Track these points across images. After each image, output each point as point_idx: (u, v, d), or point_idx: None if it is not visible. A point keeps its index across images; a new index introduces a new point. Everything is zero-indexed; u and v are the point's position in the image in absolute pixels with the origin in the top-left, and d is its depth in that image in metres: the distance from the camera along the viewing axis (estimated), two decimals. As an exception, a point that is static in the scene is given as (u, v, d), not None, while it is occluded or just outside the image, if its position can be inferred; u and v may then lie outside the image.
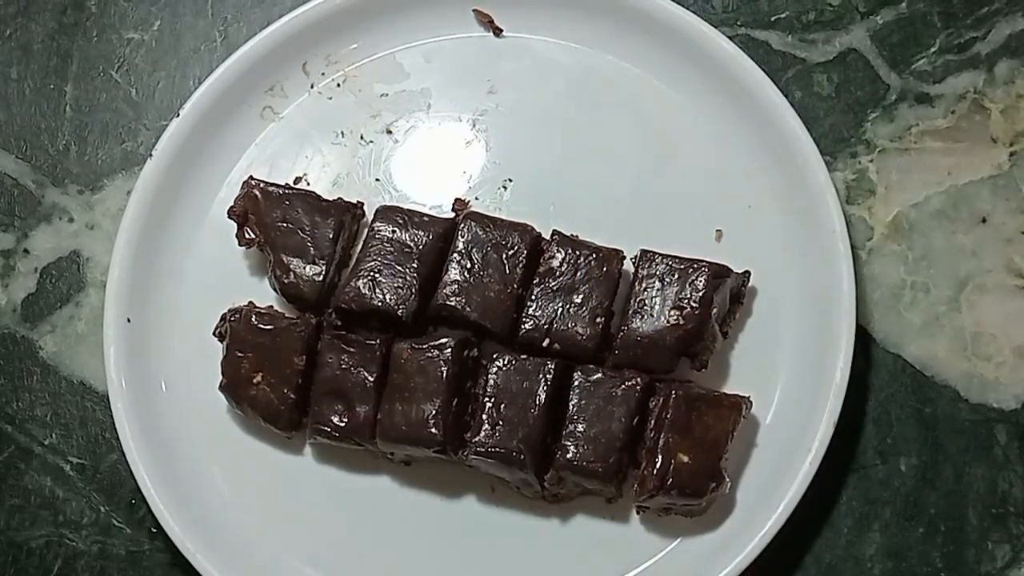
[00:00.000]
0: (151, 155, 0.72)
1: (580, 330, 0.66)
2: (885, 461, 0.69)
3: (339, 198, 0.70)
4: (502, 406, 0.65)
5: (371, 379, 0.66)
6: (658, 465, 0.64)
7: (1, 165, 0.77)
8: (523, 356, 0.66)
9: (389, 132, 0.74)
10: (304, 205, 0.70)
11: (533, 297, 0.67)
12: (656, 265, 0.67)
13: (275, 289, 0.70)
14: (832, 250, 0.68)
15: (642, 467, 0.65)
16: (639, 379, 0.65)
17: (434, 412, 0.65)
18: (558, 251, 0.67)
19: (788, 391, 0.68)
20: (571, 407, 0.65)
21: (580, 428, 0.65)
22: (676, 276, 0.66)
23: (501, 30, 0.74)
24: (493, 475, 0.67)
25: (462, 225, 0.68)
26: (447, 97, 0.75)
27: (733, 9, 0.76)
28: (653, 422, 0.65)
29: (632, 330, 0.66)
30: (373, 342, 0.67)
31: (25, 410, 0.74)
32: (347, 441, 0.67)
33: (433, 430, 0.65)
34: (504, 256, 0.67)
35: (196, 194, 0.73)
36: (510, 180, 0.73)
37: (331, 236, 0.69)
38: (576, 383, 0.65)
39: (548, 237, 0.68)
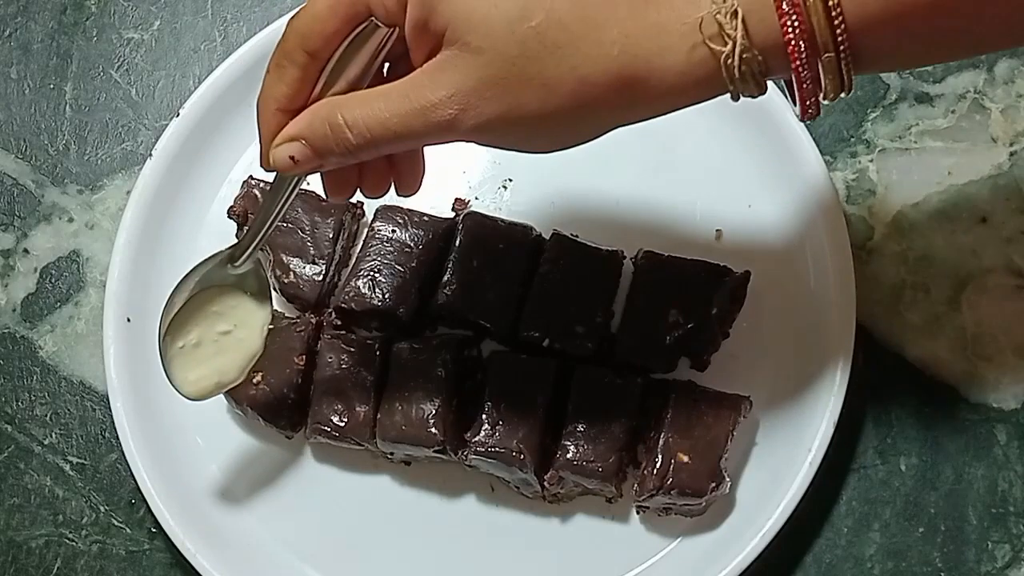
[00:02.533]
0: (151, 155, 0.72)
1: (580, 330, 0.66)
2: (885, 461, 0.69)
3: (339, 198, 0.70)
4: (502, 406, 0.65)
5: (371, 379, 0.66)
6: (658, 465, 0.64)
7: (1, 165, 0.77)
8: (523, 356, 0.66)
9: (389, 132, 0.74)
10: (304, 205, 0.70)
11: (533, 297, 0.67)
12: (656, 265, 0.67)
13: (275, 289, 0.70)
14: (832, 249, 0.68)
15: (642, 467, 0.65)
16: (639, 379, 0.65)
17: (434, 412, 0.65)
18: (558, 251, 0.67)
19: (788, 391, 0.68)
20: (571, 407, 0.65)
21: (580, 428, 0.65)
22: (676, 276, 0.66)
23: (501, 30, 0.74)
24: (493, 475, 0.67)
25: (462, 225, 0.68)
26: (447, 97, 0.74)
27: (733, 9, 0.76)
28: (653, 422, 0.65)
29: (632, 330, 0.66)
30: (373, 342, 0.67)
31: (25, 410, 0.74)
32: (347, 441, 0.67)
33: (433, 430, 0.65)
34: (504, 256, 0.67)
35: (196, 194, 0.73)
36: (510, 180, 0.73)
37: (331, 236, 0.69)
38: (576, 383, 0.65)
39: (548, 237, 0.68)
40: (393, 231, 0.68)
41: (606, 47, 0.47)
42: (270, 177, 0.71)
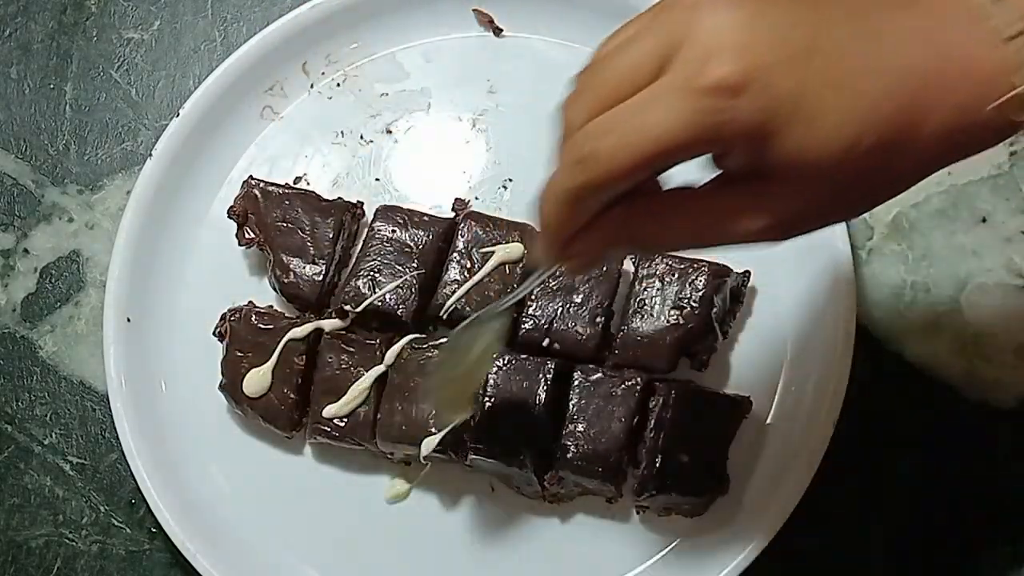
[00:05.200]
0: (151, 155, 0.72)
1: (580, 330, 0.66)
2: (885, 461, 0.69)
3: (339, 198, 0.70)
4: (502, 406, 0.65)
5: (371, 379, 0.66)
6: (658, 465, 0.64)
7: (1, 165, 0.77)
8: (523, 356, 0.66)
9: (389, 132, 0.74)
10: (304, 205, 0.70)
11: (533, 297, 0.67)
12: (656, 265, 0.67)
13: (275, 289, 0.70)
14: (832, 250, 0.68)
15: (642, 467, 0.65)
16: (639, 379, 0.65)
17: (434, 412, 0.65)
18: (558, 251, 0.67)
19: (788, 391, 0.68)
20: (571, 407, 0.65)
21: (580, 428, 0.65)
22: (676, 276, 0.66)
23: (501, 30, 0.74)
24: (493, 475, 0.67)
25: (462, 225, 0.68)
26: (447, 97, 0.75)
27: (733, 9, 0.76)
28: (653, 422, 0.65)
29: (632, 330, 0.66)
30: (373, 342, 0.67)
31: (25, 410, 0.74)
32: (347, 441, 0.67)
33: (433, 430, 0.65)
34: (504, 256, 0.67)
35: (196, 194, 0.73)
36: (510, 180, 0.73)
37: (331, 236, 0.69)
38: (576, 383, 0.65)
39: (548, 237, 0.68)
40: (393, 231, 0.68)
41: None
42: (269, 177, 0.71)
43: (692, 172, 0.45)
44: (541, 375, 0.65)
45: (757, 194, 0.44)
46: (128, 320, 0.71)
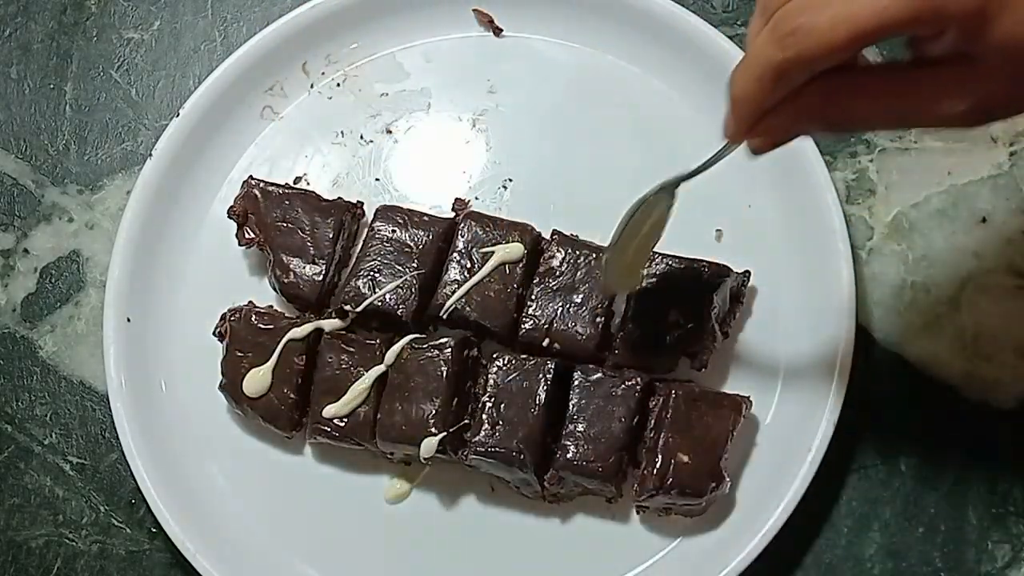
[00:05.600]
0: (151, 155, 0.72)
1: (580, 330, 0.66)
2: (885, 461, 0.69)
3: (339, 198, 0.70)
4: (502, 406, 0.65)
5: (371, 379, 0.66)
6: (658, 465, 0.64)
7: (1, 165, 0.77)
8: (523, 356, 0.66)
9: (389, 132, 0.74)
10: (304, 205, 0.70)
11: (533, 297, 0.67)
12: (656, 265, 0.67)
13: (275, 289, 0.70)
14: (832, 250, 0.68)
15: (642, 467, 0.65)
16: (639, 379, 0.65)
17: (434, 412, 0.65)
18: (558, 251, 0.67)
19: (788, 391, 0.68)
20: (571, 407, 0.65)
21: (580, 428, 0.65)
22: (676, 276, 0.66)
23: (501, 30, 0.74)
24: (493, 475, 0.67)
25: (462, 225, 0.68)
26: (447, 97, 0.75)
27: (733, 9, 0.76)
28: (653, 422, 0.65)
29: (632, 330, 0.66)
30: (373, 342, 0.67)
31: (25, 410, 0.74)
32: (347, 441, 0.67)
33: (433, 430, 0.65)
34: (504, 256, 0.67)
35: (196, 194, 0.73)
36: (510, 180, 0.73)
37: (331, 236, 0.69)
38: (576, 383, 0.65)
39: (548, 237, 0.68)
40: (393, 231, 0.68)
41: None
42: (269, 177, 0.71)
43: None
44: (541, 375, 0.65)
45: (961, 77, 0.44)
46: (128, 320, 0.71)
